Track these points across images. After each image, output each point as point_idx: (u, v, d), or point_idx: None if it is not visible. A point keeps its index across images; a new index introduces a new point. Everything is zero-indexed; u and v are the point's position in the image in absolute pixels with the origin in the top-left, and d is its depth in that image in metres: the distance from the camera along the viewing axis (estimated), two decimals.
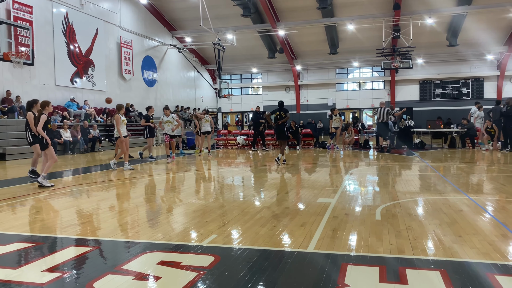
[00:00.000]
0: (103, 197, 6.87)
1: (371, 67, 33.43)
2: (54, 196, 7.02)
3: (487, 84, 30.79)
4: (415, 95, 32.46)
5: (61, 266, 3.49)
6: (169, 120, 12.59)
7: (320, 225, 4.65)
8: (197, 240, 4.19)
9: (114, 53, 23.21)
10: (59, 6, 19.03)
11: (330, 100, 33.88)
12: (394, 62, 25.86)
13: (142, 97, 25.74)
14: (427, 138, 18.17)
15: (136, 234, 4.49)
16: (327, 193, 6.77)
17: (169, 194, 7.28)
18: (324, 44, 30.22)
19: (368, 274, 3.21)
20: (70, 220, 5.23)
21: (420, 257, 3.55)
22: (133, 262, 3.56)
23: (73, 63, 19.91)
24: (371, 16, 25.38)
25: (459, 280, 3.02)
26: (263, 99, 35.61)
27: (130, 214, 5.54)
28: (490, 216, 5.09)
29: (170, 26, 29.28)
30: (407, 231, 4.36)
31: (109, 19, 22.68)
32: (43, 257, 3.78)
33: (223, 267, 3.38)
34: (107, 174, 10.05)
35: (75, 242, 4.26)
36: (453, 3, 24.24)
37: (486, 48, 28.62)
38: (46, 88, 18.36)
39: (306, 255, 3.68)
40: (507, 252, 3.68)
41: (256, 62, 33.75)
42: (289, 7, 26.30)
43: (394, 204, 5.75)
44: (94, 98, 21.33)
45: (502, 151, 14.46)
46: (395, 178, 8.75)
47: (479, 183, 7.96)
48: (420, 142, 16.69)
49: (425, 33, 26.38)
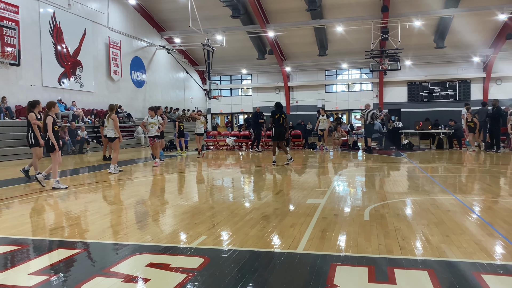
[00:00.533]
0: (91, 199, 6.81)
1: (359, 68, 33.65)
2: (41, 198, 6.94)
3: (473, 86, 31.20)
4: (403, 96, 32.76)
5: (48, 269, 3.45)
6: (153, 122, 12.12)
7: (310, 226, 4.66)
8: (187, 242, 4.17)
9: (102, 54, 23.03)
10: (46, 6, 18.82)
11: (319, 101, 34.03)
12: (382, 64, 26.06)
13: (130, 98, 25.57)
14: (415, 139, 18.35)
15: (125, 236, 4.46)
16: (316, 194, 6.79)
17: (159, 196, 7.24)
18: (313, 45, 30.35)
19: (357, 274, 3.23)
20: (57, 222, 5.17)
21: (408, 257, 3.58)
22: (121, 264, 3.54)
23: (61, 63, 19.70)
24: (359, 18, 25.57)
25: (446, 280, 3.06)
26: (253, 100, 35.63)
27: (118, 216, 5.50)
28: (476, 216, 5.16)
29: (159, 27, 29.15)
30: (396, 231, 4.39)
31: (97, 19, 22.49)
32: (30, 260, 3.73)
33: (212, 268, 3.38)
34: (96, 176, 9.96)
35: (63, 244, 4.21)
36: (440, 5, 24.52)
37: (472, 50, 29.01)
38: (32, 89, 18.14)
39: (296, 256, 3.69)
40: (493, 252, 3.73)
41: (245, 63, 33.76)
42: (278, 8, 26.36)
43: (383, 205, 5.79)
44: (82, 99, 21.13)
45: (488, 152, 14.67)
46: (384, 179, 8.82)
47: (466, 184, 8.06)
48: (408, 143, 16.85)
49: (413, 35, 26.65)
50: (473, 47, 28.78)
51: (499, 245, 3.93)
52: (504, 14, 23.12)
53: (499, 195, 6.71)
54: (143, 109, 27.01)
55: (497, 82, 30.71)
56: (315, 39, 29.47)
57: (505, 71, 30.05)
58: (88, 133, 18.91)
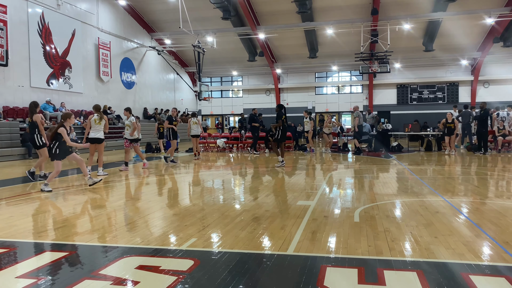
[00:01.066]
0: (80, 201, 6.74)
1: (349, 71, 33.86)
2: (29, 200, 6.85)
3: (461, 88, 31.59)
4: (392, 99, 33.04)
5: (36, 272, 3.41)
6: (128, 124, 11.67)
7: (300, 228, 4.67)
8: (177, 244, 4.15)
9: (91, 55, 22.85)
10: (34, 6, 18.63)
11: (309, 103, 34.16)
12: (372, 67, 26.26)
13: (120, 99, 25.39)
14: (404, 141, 18.50)
15: (114, 239, 4.42)
16: (306, 196, 6.81)
17: (149, 198, 7.19)
18: (303, 48, 30.47)
19: (347, 276, 3.25)
20: (45, 225, 5.11)
21: (397, 258, 3.60)
22: (110, 267, 3.50)
23: (49, 64, 19.51)
24: (349, 21, 25.74)
25: (435, 281, 3.08)
26: (244, 102, 35.64)
27: (108, 218, 5.45)
28: (464, 217, 5.21)
29: (149, 28, 29.02)
30: (385, 232, 4.42)
31: (87, 20, 22.32)
32: (17, 263, 3.68)
33: (202, 271, 3.36)
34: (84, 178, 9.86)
35: (51, 247, 4.16)
36: (429, 9, 24.80)
37: (461, 53, 29.38)
38: (20, 89, 17.93)
39: (286, 257, 3.69)
40: (480, 253, 3.77)
41: (236, 65, 33.76)
42: (269, 10, 26.43)
43: (372, 206, 5.83)
44: (71, 100, 20.93)
45: (476, 153, 14.84)
46: (373, 180, 8.87)
47: (454, 185, 8.14)
48: (398, 145, 16.98)
49: (402, 38, 26.90)
50: (461, 50, 29.15)
51: (487, 246, 3.97)
52: (491, 18, 23.46)
53: (486, 196, 6.80)
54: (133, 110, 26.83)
55: (485, 85, 31.13)
56: (306, 41, 29.60)
57: (493, 74, 30.49)
58: (77, 135, 18.72)
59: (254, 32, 27.19)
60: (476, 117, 15.33)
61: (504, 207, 5.77)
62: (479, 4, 23.78)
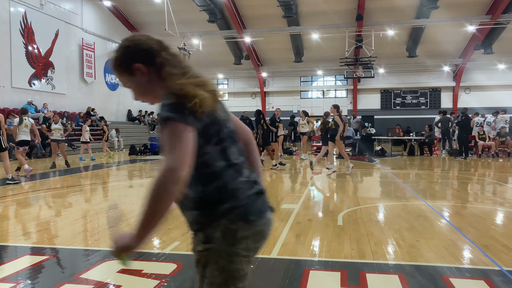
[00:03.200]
0: (61, 204, 6.63)
1: (334, 75, 34.13)
2: (8, 202, 6.71)
3: (444, 94, 32.13)
4: (376, 103, 33.41)
5: (14, 276, 3.34)
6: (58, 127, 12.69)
7: (284, 231, 4.68)
8: (160, 248, 4.12)
9: (75, 56, 22.57)
10: (17, 5, 18.32)
11: (295, 107, 34.29)
12: (356, 72, 26.53)
13: (104, 101, 25.11)
14: (388, 145, 18.73)
15: (95, 242, 4.36)
16: (291, 199, 6.83)
17: (132, 200, 7.12)
18: (289, 52, 30.62)
19: (330, 279, 3.26)
20: (25, 228, 5.02)
21: (380, 262, 3.64)
22: (92, 270, 3.46)
23: (32, 64, 19.19)
24: (335, 26, 25.99)
25: (416, 284, 3.12)
26: (229, 105, 35.55)
27: (90, 221, 5.38)
28: (446, 221, 5.30)
29: (135, 29, 28.78)
30: (368, 236, 4.46)
31: (71, 20, 22.04)
32: None
33: (185, 274, 3.34)
34: (66, 180, 9.72)
35: (30, 250, 4.09)
36: (413, 15, 25.20)
37: (443, 59, 29.91)
38: (1, 90, 17.58)
39: (270, 261, 3.70)
40: (461, 256, 3.84)
41: (222, 68, 33.72)
42: (255, 14, 26.50)
43: (356, 210, 5.87)
44: (54, 101, 20.61)
45: (457, 158, 15.11)
46: (357, 184, 8.95)
47: (436, 190, 8.27)
48: (381, 150, 17.17)
49: (386, 43, 27.26)
50: (444, 57, 29.68)
51: (467, 250, 4.04)
52: (472, 26, 23.96)
53: (467, 200, 6.92)
54: (117, 112, 26.59)
55: (466, 91, 31.73)
56: (291, 45, 29.75)
57: (474, 80, 31.09)
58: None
59: (240, 35, 27.22)
60: (458, 123, 15.67)
61: (484, 211, 5.88)
62: (461, 12, 24.27)
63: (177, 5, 23.10)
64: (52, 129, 12.72)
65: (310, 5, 25.07)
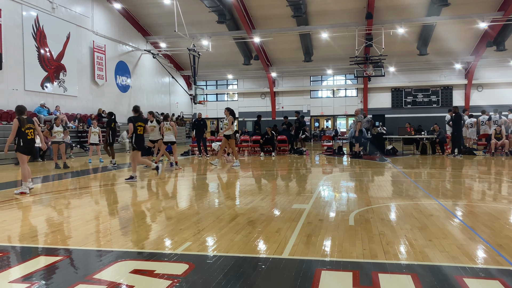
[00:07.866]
0: (74, 205, 6.70)
1: (344, 74, 34.00)
2: (23, 204, 6.81)
3: (455, 92, 31.80)
4: (387, 102, 33.20)
5: (30, 277, 3.39)
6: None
7: (295, 231, 4.67)
8: (171, 248, 4.14)
9: (86, 58, 22.80)
10: (29, 9, 18.58)
11: (305, 107, 34.24)
12: (366, 70, 26.39)
13: (115, 103, 25.33)
14: (399, 144, 18.58)
15: (108, 243, 4.40)
16: (301, 199, 6.82)
17: (143, 202, 7.17)
18: (298, 51, 30.57)
19: (342, 279, 3.25)
20: (39, 229, 5.08)
21: (392, 262, 3.61)
22: (105, 271, 3.49)
23: (44, 67, 19.44)
24: (344, 25, 25.89)
25: (429, 284, 3.09)
26: (239, 106, 35.65)
27: (102, 222, 5.43)
28: (458, 220, 5.24)
29: (145, 31, 29.01)
30: (380, 236, 4.43)
31: (82, 23, 22.29)
32: (11, 268, 3.65)
33: (197, 274, 3.36)
34: (78, 182, 9.82)
35: (45, 251, 4.14)
36: (423, 13, 24.98)
37: (454, 57, 29.60)
38: (14, 93, 17.85)
39: (281, 261, 3.69)
40: (474, 255, 3.79)
41: (231, 68, 33.80)
42: (264, 14, 26.51)
43: (367, 210, 5.84)
44: (66, 103, 20.87)
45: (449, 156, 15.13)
46: (368, 183, 8.89)
47: (448, 189, 8.18)
48: (392, 149, 17.04)
49: (396, 42, 27.07)
50: (455, 54, 29.37)
51: (481, 249, 3.99)
52: (484, 22, 23.68)
53: (480, 199, 6.84)
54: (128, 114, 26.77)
55: (478, 89, 31.36)
56: (301, 45, 29.70)
57: (486, 78, 30.72)
58: (71, 138, 18.66)
59: (249, 35, 27.25)
60: (450, 121, 15.75)
61: (498, 210, 5.80)
62: (472, 9, 24.00)
63: (186, 6, 23.22)
64: (54, 132, 13.58)
65: (319, 5, 25.01)
